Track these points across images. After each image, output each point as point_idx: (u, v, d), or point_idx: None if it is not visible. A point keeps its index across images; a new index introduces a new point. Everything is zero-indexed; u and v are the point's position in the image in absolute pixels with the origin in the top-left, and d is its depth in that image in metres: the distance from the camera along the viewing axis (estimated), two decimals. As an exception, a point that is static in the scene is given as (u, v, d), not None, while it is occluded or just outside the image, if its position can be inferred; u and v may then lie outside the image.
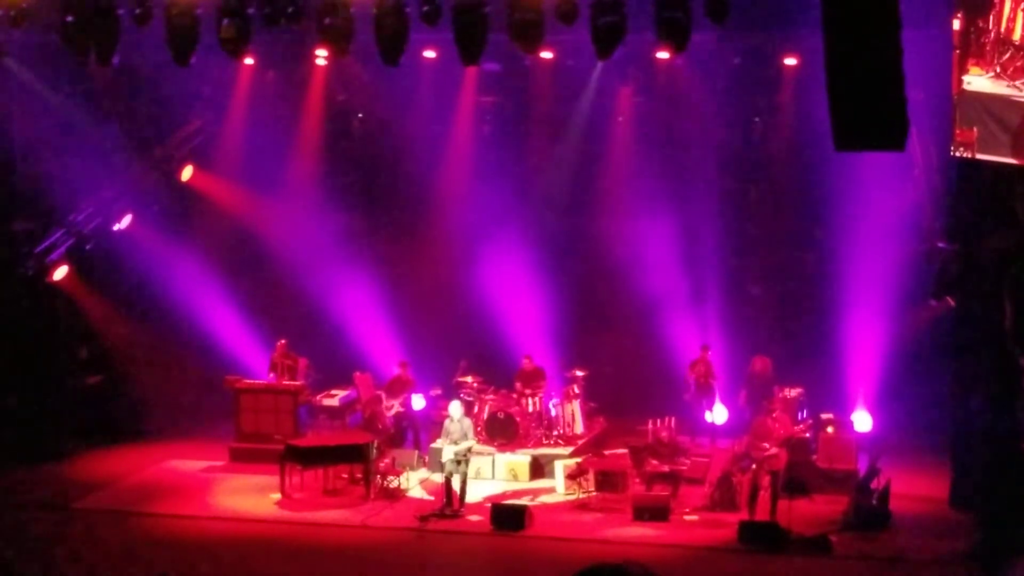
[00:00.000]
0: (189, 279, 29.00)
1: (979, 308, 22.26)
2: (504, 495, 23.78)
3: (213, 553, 20.93)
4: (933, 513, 22.58)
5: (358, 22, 20.70)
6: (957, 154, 19.30)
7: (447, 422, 23.23)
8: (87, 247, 27.71)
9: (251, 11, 20.72)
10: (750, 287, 29.77)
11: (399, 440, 26.48)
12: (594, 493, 23.39)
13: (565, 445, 26.18)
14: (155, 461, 26.59)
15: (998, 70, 18.63)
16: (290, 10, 20.74)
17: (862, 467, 23.27)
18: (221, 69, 26.89)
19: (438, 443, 23.24)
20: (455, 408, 23.56)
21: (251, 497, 24.02)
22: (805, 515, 21.78)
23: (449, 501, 22.67)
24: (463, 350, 28.50)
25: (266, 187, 29.97)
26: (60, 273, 27.13)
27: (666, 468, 23.37)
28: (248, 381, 27.43)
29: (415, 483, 24.47)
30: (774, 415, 22.41)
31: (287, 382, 27.33)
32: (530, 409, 26.57)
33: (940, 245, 23.63)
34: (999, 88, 18.69)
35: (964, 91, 18.81)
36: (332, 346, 29.16)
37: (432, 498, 23.17)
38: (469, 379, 27.47)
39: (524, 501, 23.27)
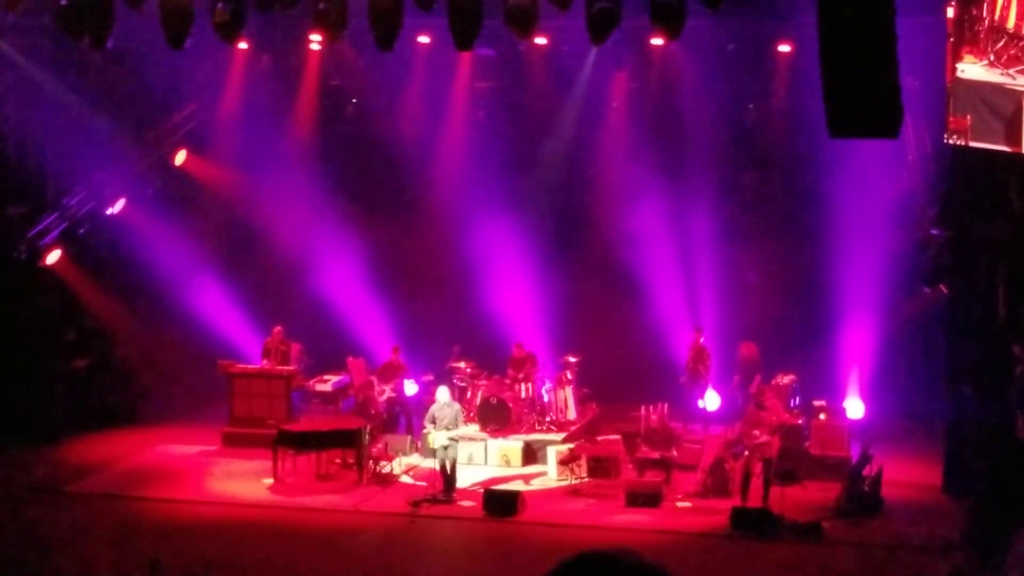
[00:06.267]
0: (182, 263, 29.00)
1: (972, 296, 22.29)
2: (496, 480, 23.81)
3: (206, 537, 20.92)
4: (925, 500, 22.60)
5: (352, 7, 20.70)
6: (951, 142, 19.32)
7: (435, 407, 23.19)
8: (80, 231, 27.71)
9: (245, -5, 20.71)
10: (744, 274, 29.75)
11: (392, 425, 26.49)
12: (586, 479, 23.44)
13: (558, 431, 26.19)
14: (148, 445, 26.60)
15: (992, 58, 18.63)
16: (284, -6, 20.76)
17: (854, 454, 23.29)
18: (215, 53, 26.82)
19: (427, 428, 23.20)
20: (443, 393, 23.57)
21: (244, 482, 24.04)
22: (797, 502, 21.82)
23: (446, 486, 22.69)
24: (456, 335, 28.53)
25: (260, 171, 29.95)
26: (53, 257, 27.12)
27: (657, 455, 23.39)
28: (241, 366, 27.44)
29: (407, 468, 24.48)
30: (766, 405, 22.46)
31: (279, 366, 27.30)
32: (523, 395, 26.61)
33: (933, 232, 23.69)
34: (993, 76, 18.69)
35: (958, 79, 18.81)
36: (325, 331, 29.16)
37: (424, 483, 23.16)
38: (462, 364, 27.52)
39: (516, 487, 23.29)
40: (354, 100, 30.94)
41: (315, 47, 27.72)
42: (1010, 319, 20.53)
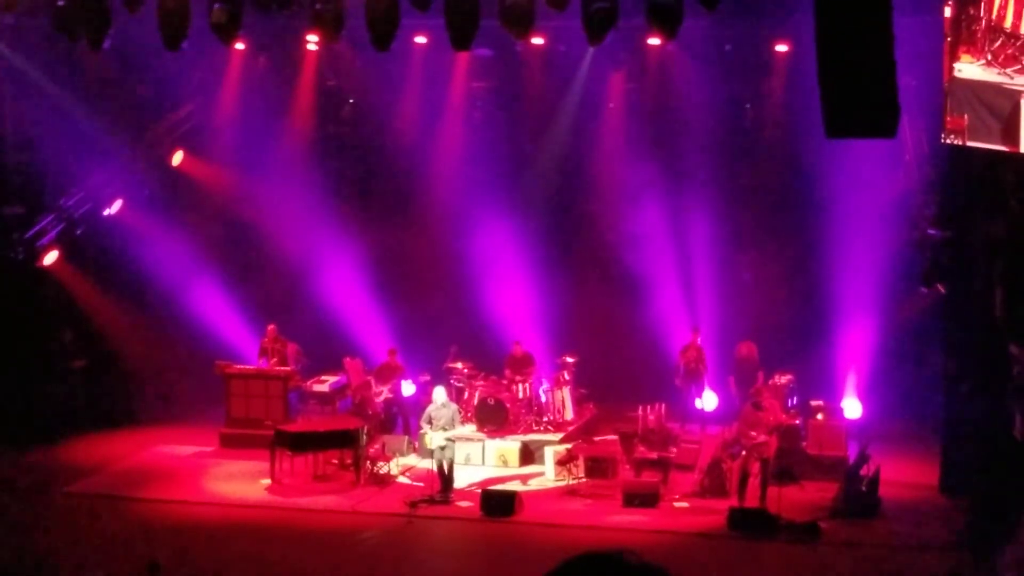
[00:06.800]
0: (179, 264, 28.99)
1: (970, 295, 22.28)
2: (493, 481, 23.80)
3: (203, 538, 20.93)
4: (923, 500, 22.60)
5: (349, 7, 20.70)
6: (948, 141, 19.32)
7: (431, 408, 23.13)
8: (77, 232, 27.71)
9: (242, -4, 20.71)
10: (741, 273, 29.76)
11: (389, 426, 26.48)
12: (584, 479, 23.43)
13: (555, 431, 26.20)
14: (145, 446, 26.57)
15: (989, 58, 18.62)
16: (281, -5, 20.78)
17: (852, 454, 23.28)
18: (212, 54, 26.83)
19: (424, 429, 23.17)
20: (440, 393, 23.52)
21: (241, 482, 24.02)
22: (795, 502, 21.82)
23: (444, 487, 22.68)
24: (453, 335, 28.52)
25: (257, 172, 29.96)
26: (50, 258, 27.11)
27: (655, 455, 23.38)
28: (238, 366, 27.40)
29: (404, 469, 24.46)
30: (764, 405, 22.46)
31: (277, 367, 27.28)
32: (520, 395, 26.62)
33: (931, 232, 23.68)
34: (990, 76, 18.69)
35: (955, 78, 18.81)
36: (322, 331, 29.14)
37: (421, 484, 23.15)
38: (459, 365, 27.50)
39: (514, 487, 23.28)
40: (351, 100, 30.95)
41: (312, 47, 27.73)
42: (1007, 319, 20.50)
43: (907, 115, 16.70)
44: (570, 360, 27.44)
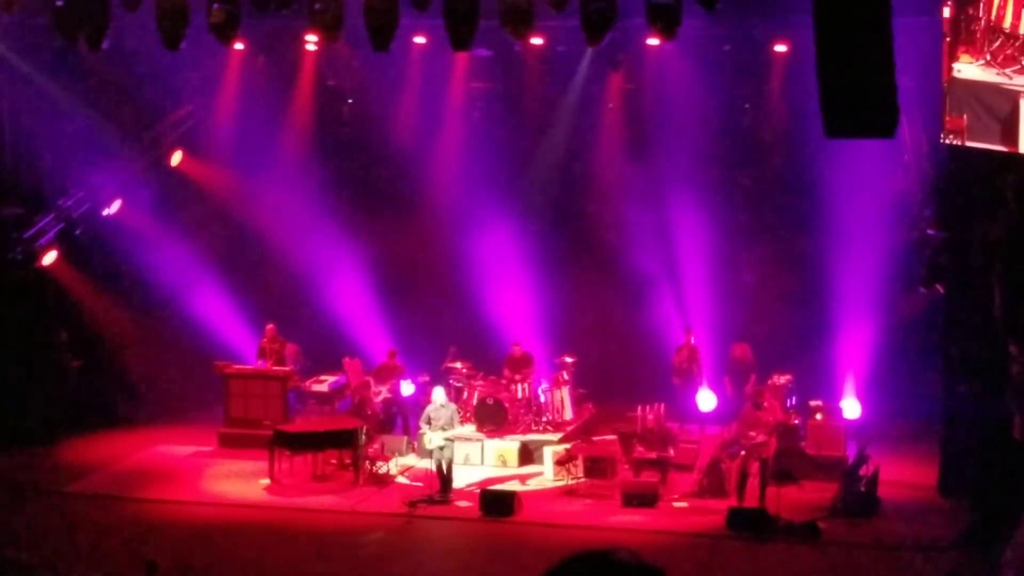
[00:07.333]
0: (179, 264, 28.98)
1: (968, 296, 22.28)
2: (492, 481, 23.78)
3: (202, 538, 20.91)
4: (922, 499, 22.59)
5: (348, 7, 20.71)
6: (947, 141, 19.34)
7: (430, 408, 23.13)
8: (76, 232, 27.68)
9: (241, -4, 20.72)
10: (740, 274, 29.75)
11: (388, 426, 26.46)
12: (583, 479, 23.40)
13: (554, 431, 26.19)
14: (144, 446, 26.54)
15: (988, 58, 18.64)
16: (280, -5, 20.77)
17: (851, 454, 23.29)
18: (211, 54, 26.80)
19: (423, 429, 23.17)
20: (439, 394, 23.53)
21: (240, 482, 24.00)
22: (794, 502, 21.80)
23: (443, 487, 22.67)
24: (452, 336, 28.51)
25: (256, 173, 29.93)
26: (49, 258, 27.09)
27: (654, 455, 23.38)
28: (237, 366, 27.37)
29: (403, 469, 24.45)
30: (764, 405, 22.46)
31: (275, 367, 27.27)
32: (519, 395, 26.60)
33: (930, 232, 23.68)
34: (989, 76, 18.71)
35: (954, 79, 18.83)
36: (321, 332, 29.14)
37: (420, 484, 23.14)
38: (458, 365, 27.49)
39: (513, 487, 23.27)
40: (351, 100, 30.94)
41: (311, 47, 27.70)
42: (1007, 319, 20.51)
43: (906, 115, 16.71)
44: (569, 360, 27.42)
